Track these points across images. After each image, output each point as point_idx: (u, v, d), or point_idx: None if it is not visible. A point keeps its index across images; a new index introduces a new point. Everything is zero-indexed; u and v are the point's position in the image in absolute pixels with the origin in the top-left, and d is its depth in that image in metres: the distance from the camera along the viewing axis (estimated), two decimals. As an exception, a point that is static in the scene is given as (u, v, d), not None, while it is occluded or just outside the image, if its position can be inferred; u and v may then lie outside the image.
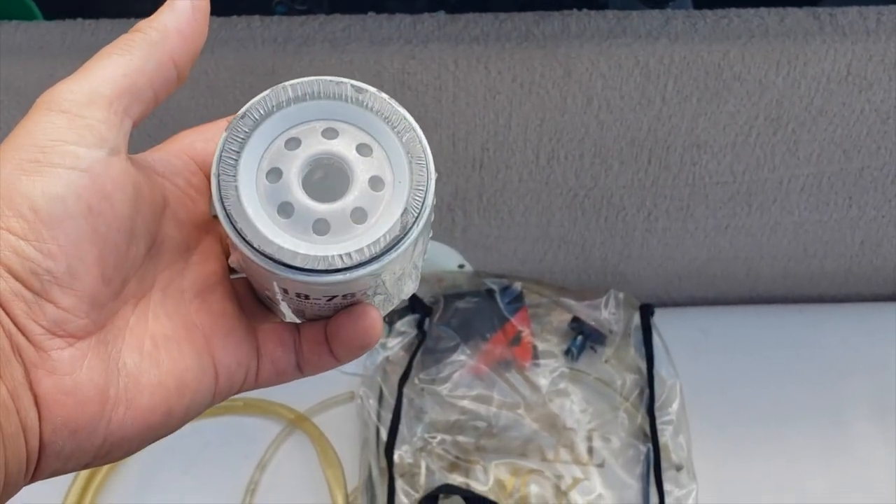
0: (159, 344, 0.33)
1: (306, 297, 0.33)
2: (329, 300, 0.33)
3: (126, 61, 0.32)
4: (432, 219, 0.34)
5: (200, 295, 0.35)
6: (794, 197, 0.76)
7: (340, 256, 0.31)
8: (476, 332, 0.79)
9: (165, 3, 0.35)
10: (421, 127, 0.33)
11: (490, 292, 0.81)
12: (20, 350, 0.29)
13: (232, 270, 0.37)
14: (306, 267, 0.31)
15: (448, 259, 0.82)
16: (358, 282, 0.32)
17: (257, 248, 0.31)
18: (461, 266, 0.83)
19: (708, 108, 0.69)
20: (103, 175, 0.31)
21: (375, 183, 0.32)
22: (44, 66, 0.65)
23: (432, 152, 0.33)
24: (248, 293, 0.38)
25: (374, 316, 0.34)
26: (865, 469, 0.76)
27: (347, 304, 0.34)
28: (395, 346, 0.79)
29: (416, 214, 0.32)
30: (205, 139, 0.37)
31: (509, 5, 0.87)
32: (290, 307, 0.35)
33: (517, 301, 0.81)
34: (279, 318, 0.37)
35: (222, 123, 0.37)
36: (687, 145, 0.71)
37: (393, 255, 0.31)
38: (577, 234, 0.79)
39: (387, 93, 0.33)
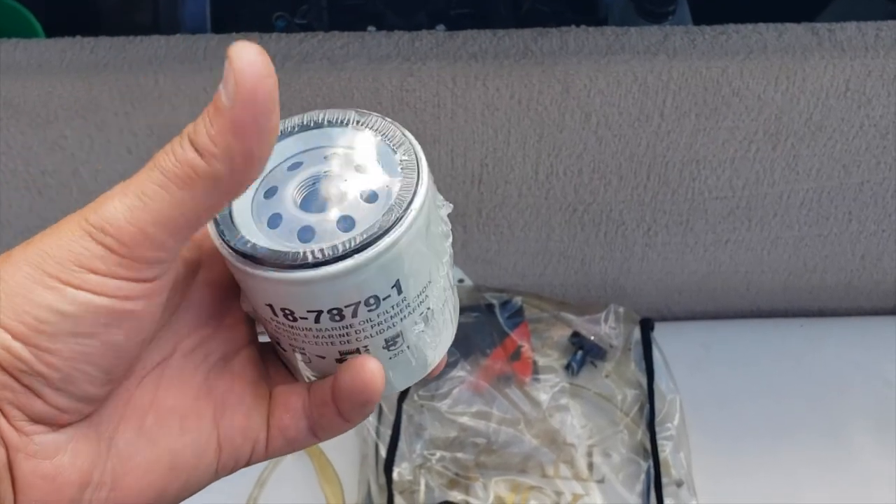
0: (161, 417, 0.32)
1: (293, 318, 0.32)
2: (316, 322, 0.32)
3: (187, 200, 0.28)
4: (448, 255, 0.34)
5: (225, 358, 0.34)
6: (793, 211, 0.76)
7: (312, 251, 0.30)
8: (476, 348, 0.79)
9: (227, 126, 0.28)
10: (420, 143, 0.33)
11: (490, 307, 0.81)
12: (2, 433, 0.28)
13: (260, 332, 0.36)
14: (276, 261, 0.30)
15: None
16: (337, 288, 0.30)
17: (233, 246, 0.31)
18: (461, 281, 0.82)
19: (707, 123, 0.69)
20: (132, 300, 0.28)
21: (369, 196, 0.31)
22: (43, 84, 0.65)
23: (431, 169, 0.32)
24: (273, 355, 0.36)
25: (373, 368, 0.32)
26: (866, 484, 0.76)
27: (346, 351, 0.33)
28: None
29: (399, 214, 0.30)
30: None
31: (508, 20, 0.87)
32: (297, 352, 0.34)
33: (517, 316, 0.81)
34: (297, 380, 0.36)
35: None
36: (686, 160, 0.71)
37: (369, 252, 0.30)
38: (576, 248, 0.79)
39: (385, 110, 0.34)
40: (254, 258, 0.30)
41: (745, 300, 0.85)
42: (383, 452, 0.73)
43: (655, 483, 0.73)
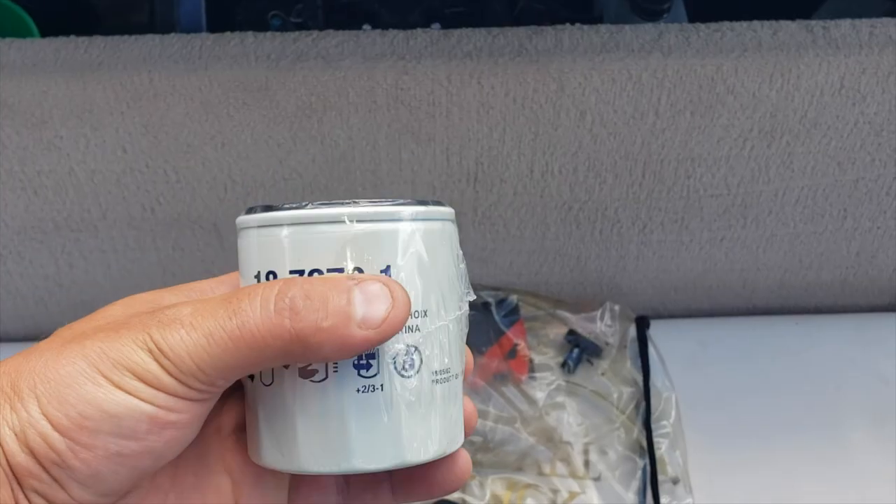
0: (182, 496, 0.32)
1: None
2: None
3: (252, 358, 0.28)
4: (463, 281, 0.34)
5: (237, 431, 0.34)
6: (789, 209, 0.76)
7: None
8: (472, 346, 0.79)
9: (348, 336, 0.29)
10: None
11: (486, 305, 0.81)
12: None
13: None
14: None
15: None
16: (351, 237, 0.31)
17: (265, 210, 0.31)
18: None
19: (702, 121, 0.69)
20: (179, 413, 0.29)
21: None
22: (38, 84, 0.65)
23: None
24: None
25: (467, 462, 0.33)
26: (863, 480, 0.76)
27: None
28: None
29: (419, 205, 0.32)
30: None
31: (503, 18, 0.87)
32: None
33: (513, 314, 0.81)
34: None
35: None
36: (681, 158, 0.71)
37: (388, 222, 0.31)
38: (572, 246, 0.79)
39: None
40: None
41: (740, 298, 0.85)
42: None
43: (651, 480, 0.73)
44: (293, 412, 0.31)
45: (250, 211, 0.32)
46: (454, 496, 0.72)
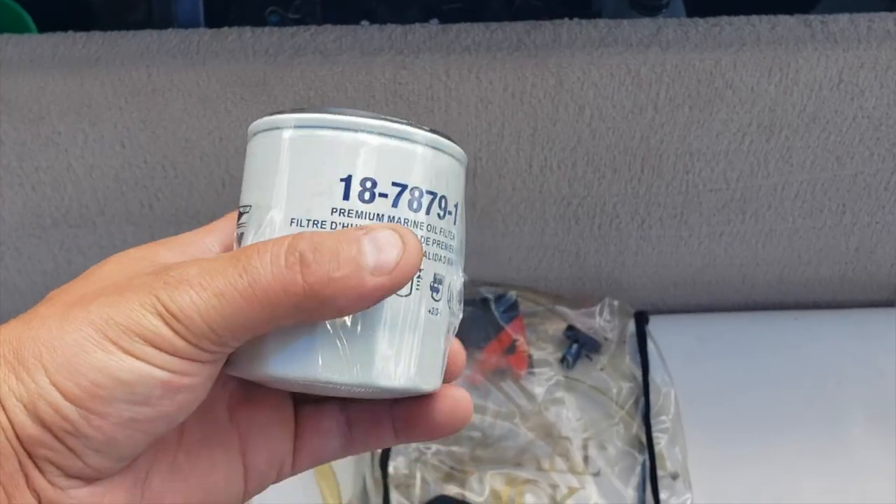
0: (191, 453, 0.32)
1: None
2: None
3: (265, 316, 0.28)
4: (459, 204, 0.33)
5: (246, 382, 0.34)
6: (787, 204, 0.76)
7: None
8: (471, 342, 0.79)
9: (361, 284, 0.28)
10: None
11: (485, 301, 0.81)
12: (35, 485, 0.28)
13: None
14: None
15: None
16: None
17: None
18: (455, 275, 0.82)
19: (700, 115, 0.69)
20: (191, 376, 0.28)
21: None
22: (35, 79, 0.65)
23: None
24: None
25: (463, 395, 0.33)
26: (862, 475, 0.76)
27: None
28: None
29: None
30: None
31: (501, 15, 0.87)
32: None
33: (512, 310, 0.81)
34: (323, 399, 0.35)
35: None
36: (680, 153, 0.71)
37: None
38: (571, 242, 0.79)
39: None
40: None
41: (739, 293, 0.86)
42: (379, 446, 0.73)
43: (651, 476, 0.73)
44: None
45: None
46: (453, 491, 0.72)
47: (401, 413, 0.34)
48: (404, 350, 0.31)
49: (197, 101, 0.66)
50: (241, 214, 0.32)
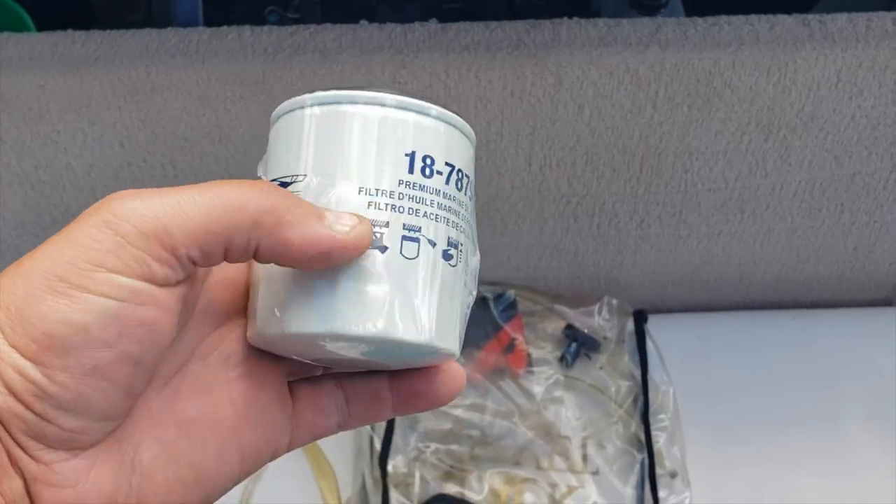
0: (183, 430, 0.31)
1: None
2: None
3: (227, 220, 0.28)
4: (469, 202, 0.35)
5: (246, 360, 0.33)
6: (786, 203, 0.76)
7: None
8: (470, 340, 0.79)
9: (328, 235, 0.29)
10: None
11: (484, 300, 0.81)
12: (19, 463, 0.27)
13: None
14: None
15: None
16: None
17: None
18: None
19: (699, 115, 0.69)
20: (146, 305, 0.27)
21: None
22: (35, 78, 0.65)
23: None
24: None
25: (456, 369, 0.34)
26: (861, 474, 0.76)
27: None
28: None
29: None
30: None
31: (501, 14, 0.87)
32: None
33: (511, 309, 0.81)
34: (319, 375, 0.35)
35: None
36: (678, 152, 0.72)
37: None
38: (569, 241, 0.79)
39: None
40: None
41: (738, 292, 0.86)
42: (378, 445, 0.73)
43: (650, 474, 0.73)
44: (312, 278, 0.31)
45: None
46: (452, 490, 0.72)
47: (401, 385, 0.34)
48: (424, 307, 0.32)
49: (196, 99, 0.66)
50: (284, 184, 0.33)
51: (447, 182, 0.33)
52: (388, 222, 0.31)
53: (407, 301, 0.31)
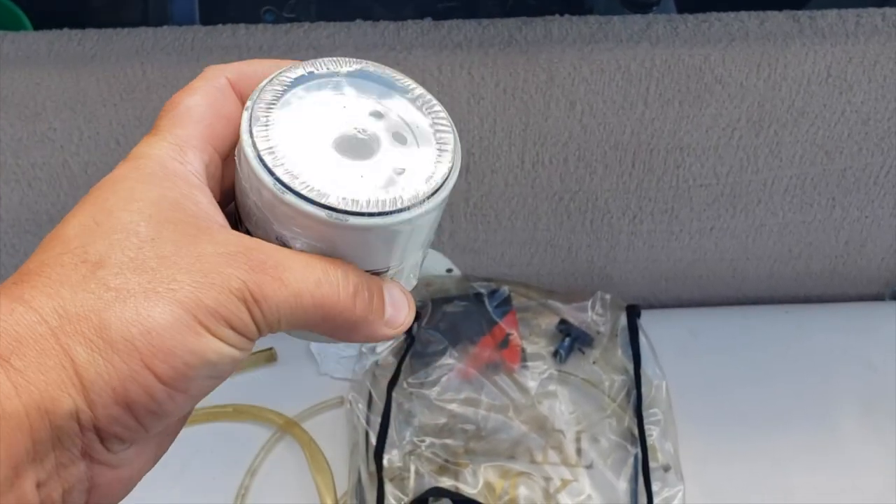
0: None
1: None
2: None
3: (313, 308, 0.32)
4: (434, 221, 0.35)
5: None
6: (777, 198, 0.77)
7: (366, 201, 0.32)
8: (464, 336, 0.80)
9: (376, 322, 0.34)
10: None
11: (478, 296, 0.82)
12: (92, 453, 0.29)
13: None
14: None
15: (436, 263, 0.83)
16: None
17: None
18: (449, 270, 0.83)
19: (690, 111, 0.69)
20: (246, 352, 0.31)
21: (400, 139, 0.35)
22: (31, 76, 0.65)
23: None
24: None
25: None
26: (853, 469, 0.76)
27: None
28: (383, 350, 0.79)
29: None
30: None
31: (495, 13, 0.87)
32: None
33: (505, 304, 0.82)
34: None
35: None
36: (670, 148, 0.72)
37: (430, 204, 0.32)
38: (563, 237, 0.80)
39: None
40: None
41: (730, 287, 0.86)
42: (373, 440, 0.73)
43: (643, 468, 0.74)
44: None
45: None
46: (447, 484, 0.72)
47: None
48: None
49: (192, 97, 0.66)
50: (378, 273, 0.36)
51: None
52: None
53: None
